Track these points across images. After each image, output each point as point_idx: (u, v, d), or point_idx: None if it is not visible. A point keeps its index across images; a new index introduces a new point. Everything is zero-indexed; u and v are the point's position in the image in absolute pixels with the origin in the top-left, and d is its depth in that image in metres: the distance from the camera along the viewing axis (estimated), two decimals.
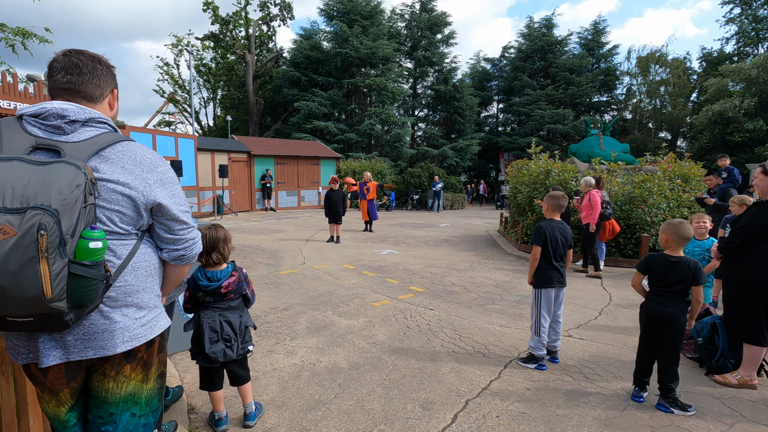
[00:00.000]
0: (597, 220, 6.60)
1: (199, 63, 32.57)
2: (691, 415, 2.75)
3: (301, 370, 3.32)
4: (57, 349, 1.24)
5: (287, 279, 6.21)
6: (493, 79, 34.69)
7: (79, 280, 1.13)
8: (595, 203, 6.59)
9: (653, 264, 2.97)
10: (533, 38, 30.38)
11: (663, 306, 2.85)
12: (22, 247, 1.03)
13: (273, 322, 4.38)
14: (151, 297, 1.41)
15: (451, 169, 26.21)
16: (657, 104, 32.46)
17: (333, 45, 24.64)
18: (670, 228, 2.97)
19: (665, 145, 10.11)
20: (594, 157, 9.80)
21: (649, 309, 2.93)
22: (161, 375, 1.48)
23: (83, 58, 1.33)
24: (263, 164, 17.49)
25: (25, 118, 1.23)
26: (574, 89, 28.39)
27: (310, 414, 2.71)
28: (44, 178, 1.09)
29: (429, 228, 12.98)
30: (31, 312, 1.09)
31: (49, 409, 1.34)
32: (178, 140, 13.63)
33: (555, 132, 28.12)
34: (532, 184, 9.20)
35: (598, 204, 6.59)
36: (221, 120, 33.80)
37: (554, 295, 3.56)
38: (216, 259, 2.35)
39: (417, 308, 4.94)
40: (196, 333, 2.39)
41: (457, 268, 7.20)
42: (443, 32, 27.57)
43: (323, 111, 23.19)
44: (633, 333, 4.30)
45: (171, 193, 1.39)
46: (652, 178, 7.94)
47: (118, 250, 1.30)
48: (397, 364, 3.44)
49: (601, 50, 30.86)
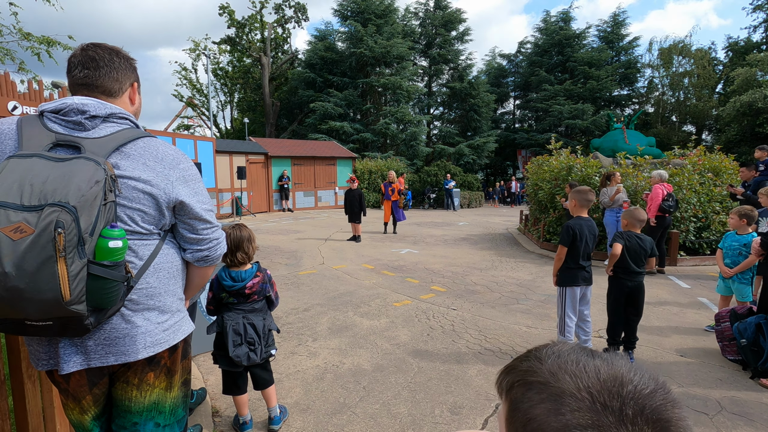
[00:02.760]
0: (656, 213, 6.39)
1: (216, 67, 33.02)
2: (740, 424, 2.57)
3: (324, 372, 3.25)
4: (77, 355, 1.19)
5: (307, 279, 6.18)
6: (509, 76, 34.16)
7: (98, 282, 1.08)
8: (654, 196, 6.37)
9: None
10: (550, 32, 29.75)
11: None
12: (39, 246, 0.98)
13: (294, 323, 4.33)
14: (173, 300, 1.35)
15: (467, 167, 25.90)
16: (680, 96, 31.43)
17: (347, 45, 24.64)
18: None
19: (694, 138, 9.70)
20: (618, 152, 9.50)
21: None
22: (185, 383, 1.42)
23: (100, 51, 1.28)
24: (280, 165, 17.59)
25: (46, 114, 1.19)
26: (594, 83, 27.67)
27: (336, 418, 2.64)
28: (63, 174, 1.04)
29: (447, 226, 12.82)
30: (50, 315, 1.04)
31: (74, 417, 1.30)
32: (197, 143, 13.79)
33: (574, 127, 27.48)
34: (553, 180, 8.97)
35: (657, 196, 6.37)
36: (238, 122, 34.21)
37: (579, 293, 3.42)
38: (241, 259, 2.32)
39: (440, 308, 4.83)
40: (219, 336, 2.34)
41: (479, 267, 7.06)
42: (458, 29, 27.27)
43: (338, 111, 23.20)
44: (667, 333, 4.10)
45: (194, 190, 1.33)
46: (682, 172, 7.64)
47: (139, 250, 1.24)
48: (422, 366, 3.34)
49: (621, 43, 30.02)
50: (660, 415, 0.41)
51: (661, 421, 0.40)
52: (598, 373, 0.43)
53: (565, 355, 0.46)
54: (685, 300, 5.21)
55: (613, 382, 0.42)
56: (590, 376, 0.43)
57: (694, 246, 7.47)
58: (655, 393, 0.42)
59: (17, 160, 1.05)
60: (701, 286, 5.85)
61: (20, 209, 0.99)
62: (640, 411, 0.40)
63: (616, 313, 3.54)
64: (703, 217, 7.47)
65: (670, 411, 0.42)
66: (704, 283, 6.04)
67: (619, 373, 0.43)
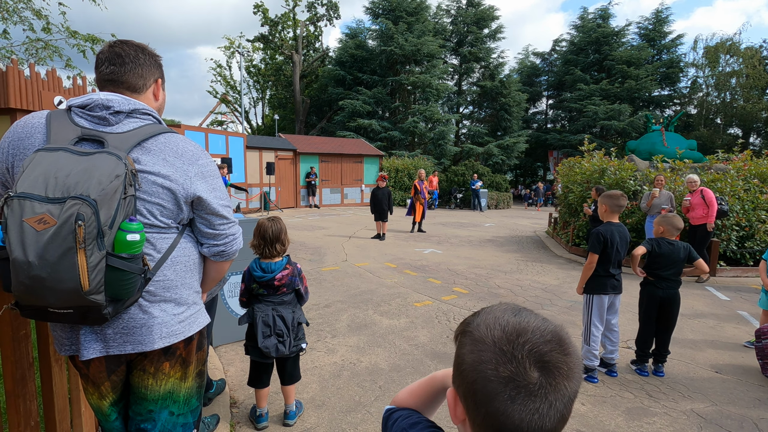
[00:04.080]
0: (715, 218, 6.14)
1: (249, 64, 33.77)
2: None
3: (341, 370, 3.26)
4: (97, 342, 1.23)
5: (329, 276, 6.23)
6: (542, 74, 33.27)
7: (116, 273, 1.11)
8: (711, 200, 6.09)
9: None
10: (587, 30, 28.73)
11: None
12: (61, 237, 1.02)
13: (315, 319, 4.37)
14: (190, 293, 1.37)
15: (496, 167, 25.44)
16: (726, 97, 29.74)
17: (378, 43, 24.65)
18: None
19: (740, 141, 9.13)
20: (656, 155, 9.08)
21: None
22: (200, 374, 1.45)
23: (126, 48, 1.32)
24: (308, 162, 17.82)
25: (74, 109, 1.23)
26: (632, 83, 26.53)
27: (350, 416, 2.64)
28: (86, 168, 1.08)
29: (473, 227, 12.64)
30: (70, 304, 1.08)
31: (93, 401, 1.35)
32: (228, 138, 14.15)
33: (609, 129, 26.48)
34: (584, 183, 8.68)
35: (714, 201, 6.09)
36: (269, 119, 34.89)
37: (607, 302, 3.29)
38: (279, 250, 2.38)
39: (461, 310, 4.76)
40: (250, 327, 2.41)
41: (503, 270, 6.92)
42: (490, 27, 26.79)
43: (367, 109, 23.27)
44: (702, 347, 3.89)
45: (211, 186, 1.35)
46: (724, 177, 7.23)
47: (158, 243, 1.27)
48: (439, 369, 3.30)
49: (663, 41, 28.65)
50: (543, 357, 0.53)
51: (543, 362, 0.53)
52: (505, 326, 0.57)
53: (493, 312, 0.61)
54: (724, 313, 4.93)
55: (513, 333, 0.55)
56: (498, 328, 0.57)
57: (736, 256, 7.06)
58: (549, 343, 0.54)
59: (44, 153, 1.09)
60: (742, 299, 5.52)
61: (44, 201, 1.03)
62: (528, 353, 0.53)
63: (646, 324, 3.38)
64: (747, 226, 7.04)
65: (553, 355, 0.54)
66: (745, 295, 5.70)
67: (522, 328, 0.56)
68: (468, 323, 0.63)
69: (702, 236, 6.23)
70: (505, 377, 0.53)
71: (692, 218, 6.30)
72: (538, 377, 0.52)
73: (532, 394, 0.52)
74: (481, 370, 0.55)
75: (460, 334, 0.63)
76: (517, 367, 0.53)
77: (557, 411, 0.53)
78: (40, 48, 12.47)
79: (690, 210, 6.34)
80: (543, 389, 0.52)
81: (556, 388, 0.53)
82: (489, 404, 0.54)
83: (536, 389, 0.52)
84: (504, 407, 0.53)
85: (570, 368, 0.54)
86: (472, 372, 0.56)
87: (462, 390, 0.59)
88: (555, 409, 0.53)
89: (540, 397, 0.52)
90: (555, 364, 0.53)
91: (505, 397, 0.52)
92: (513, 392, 0.52)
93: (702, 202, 6.18)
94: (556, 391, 0.53)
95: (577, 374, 0.55)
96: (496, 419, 0.54)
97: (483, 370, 0.55)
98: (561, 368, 0.53)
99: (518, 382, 0.52)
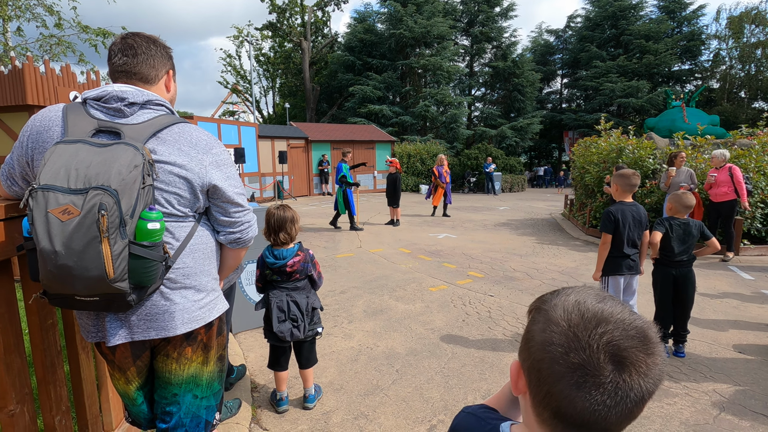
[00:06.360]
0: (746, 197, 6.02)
1: (258, 53, 33.66)
2: None
3: (358, 354, 3.31)
4: (122, 329, 1.27)
5: (344, 262, 6.27)
6: (556, 53, 32.37)
7: (139, 261, 1.14)
8: (739, 180, 5.95)
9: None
10: (603, 4, 27.68)
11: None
12: (85, 226, 1.05)
13: (331, 305, 4.42)
14: (208, 280, 1.40)
15: (510, 149, 25.04)
16: (752, 70, 28.54)
17: (387, 26, 24.28)
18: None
19: (766, 116, 8.77)
20: (676, 132, 8.81)
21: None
22: (221, 358, 1.49)
23: (138, 39, 1.33)
24: (320, 149, 17.84)
25: (89, 101, 1.25)
26: (651, 58, 25.62)
27: (368, 399, 2.68)
28: (105, 159, 1.10)
29: (487, 211, 12.54)
30: (96, 292, 1.12)
31: (120, 386, 1.39)
32: (240, 128, 14.22)
33: (627, 106, 25.75)
34: (601, 163, 8.49)
35: (742, 181, 5.97)
36: (280, 108, 34.87)
37: (624, 283, 3.24)
38: (283, 239, 2.40)
39: (476, 294, 4.76)
40: (267, 312, 2.47)
41: (518, 253, 6.87)
42: (502, 4, 26.10)
43: (377, 94, 23.05)
44: (724, 327, 3.82)
45: (226, 174, 1.37)
46: (749, 153, 6.99)
47: (176, 232, 1.30)
48: (456, 352, 3.32)
49: (684, 12, 27.50)
50: (621, 352, 0.50)
51: (620, 357, 0.50)
52: (585, 312, 0.54)
53: (575, 294, 0.57)
54: (748, 292, 4.82)
55: (592, 321, 0.52)
56: (577, 312, 0.54)
57: (761, 234, 6.86)
58: (631, 339, 0.51)
59: (64, 146, 1.12)
60: (767, 279, 5.38)
61: (67, 192, 1.06)
62: (605, 345, 0.50)
63: (662, 304, 3.34)
64: None
65: (633, 352, 0.50)
66: None
67: (603, 317, 0.52)
68: (545, 300, 0.60)
69: (728, 213, 6.08)
70: (575, 363, 0.51)
71: (714, 195, 6.14)
72: (611, 371, 0.50)
73: (601, 386, 0.50)
74: (549, 351, 0.53)
75: (534, 310, 0.61)
76: (590, 356, 0.50)
77: (625, 408, 0.50)
78: (53, 44, 12.61)
79: (714, 186, 6.17)
80: (613, 384, 0.50)
81: (629, 386, 0.50)
82: (553, 384, 0.52)
83: (606, 382, 0.50)
84: (568, 391, 0.51)
85: (649, 368, 0.51)
86: (539, 351, 0.55)
87: (527, 365, 0.58)
88: (623, 406, 0.50)
89: (609, 391, 0.50)
90: (633, 362, 0.50)
91: (571, 382, 0.51)
92: (581, 380, 0.50)
93: (728, 179, 6.00)
94: (628, 388, 0.50)
95: (656, 376, 0.51)
96: (558, 401, 0.52)
97: (552, 351, 0.53)
98: (639, 367, 0.50)
99: (587, 371, 0.50)
